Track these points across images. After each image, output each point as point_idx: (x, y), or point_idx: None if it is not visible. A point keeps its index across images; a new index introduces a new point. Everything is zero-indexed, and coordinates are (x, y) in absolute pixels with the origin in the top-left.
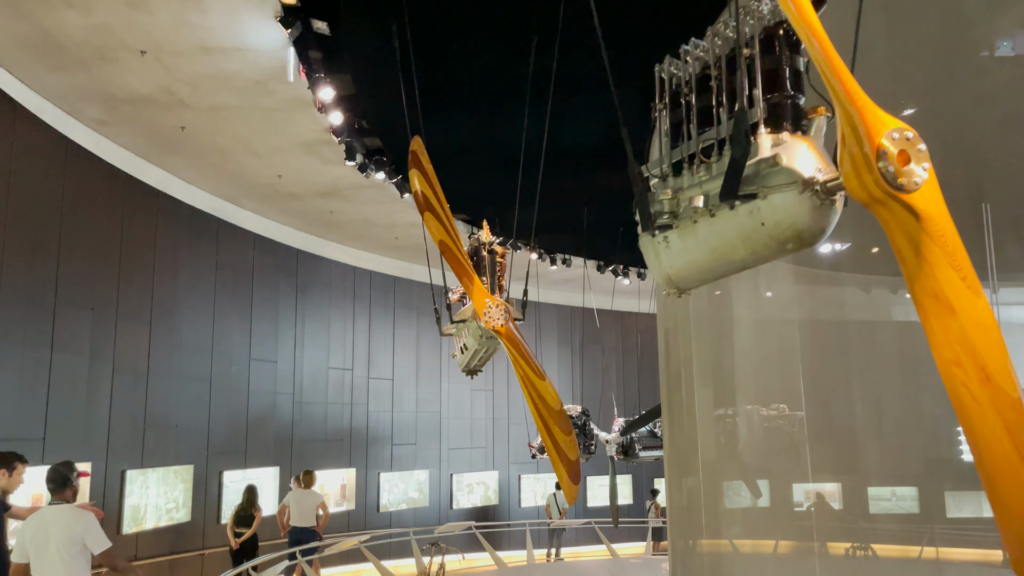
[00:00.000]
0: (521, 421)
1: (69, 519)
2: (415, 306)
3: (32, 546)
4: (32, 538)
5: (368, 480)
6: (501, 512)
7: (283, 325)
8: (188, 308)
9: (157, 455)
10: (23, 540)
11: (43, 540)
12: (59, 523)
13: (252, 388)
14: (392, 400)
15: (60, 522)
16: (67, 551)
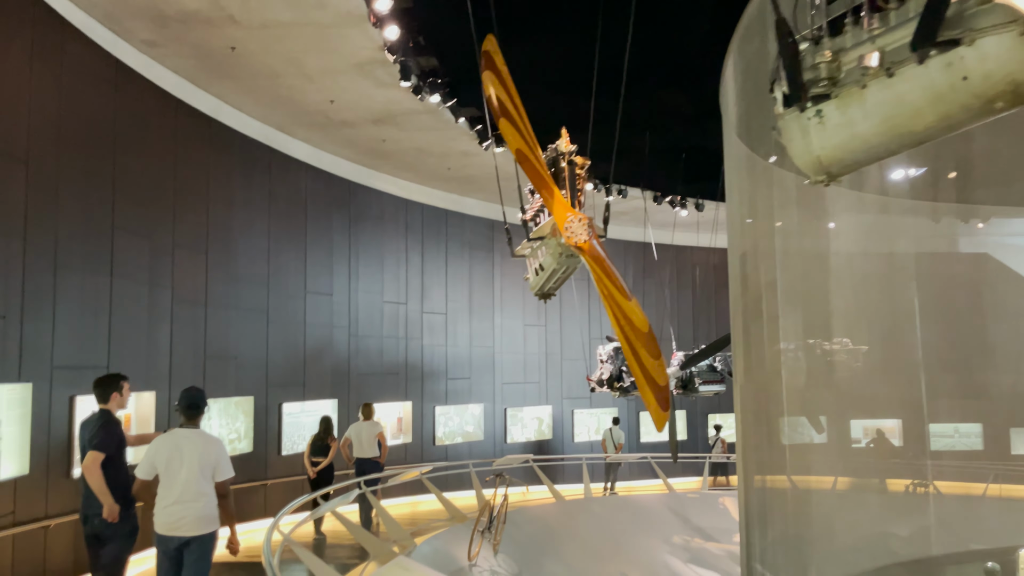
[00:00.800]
0: (575, 356)
1: (204, 444)
2: (467, 240)
3: (164, 465)
4: (166, 458)
5: (424, 413)
6: (554, 446)
7: (337, 258)
8: (243, 239)
9: (218, 386)
10: (152, 458)
11: (177, 461)
12: (194, 447)
13: (308, 321)
14: (446, 334)
15: (195, 446)
16: (200, 473)
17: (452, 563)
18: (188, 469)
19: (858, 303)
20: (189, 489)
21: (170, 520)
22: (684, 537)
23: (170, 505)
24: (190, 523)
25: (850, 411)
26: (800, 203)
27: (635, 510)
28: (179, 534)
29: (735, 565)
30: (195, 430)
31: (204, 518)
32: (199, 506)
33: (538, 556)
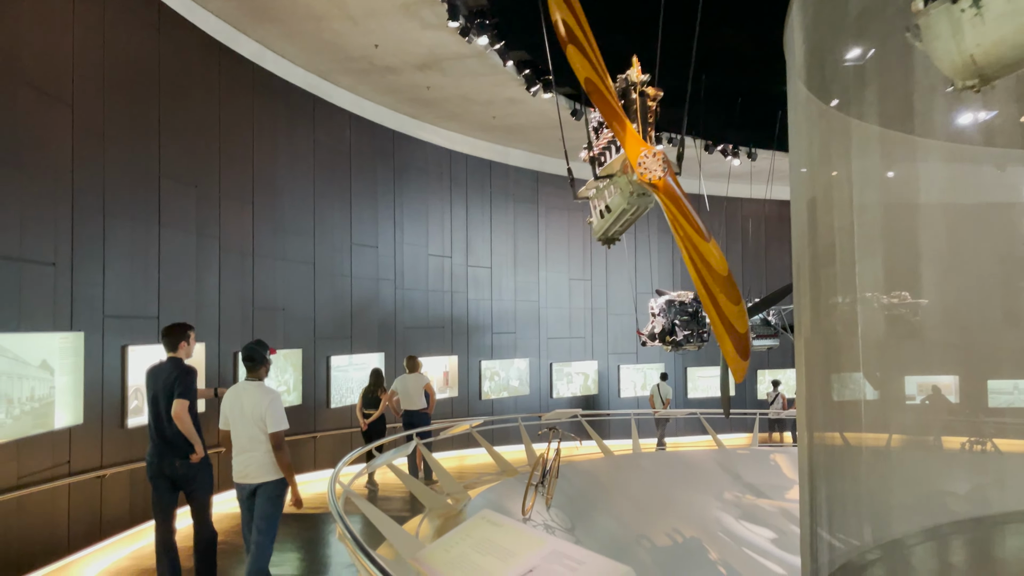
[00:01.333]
0: (621, 311)
1: (259, 396)
2: (511, 192)
3: (229, 417)
4: (229, 409)
5: (470, 367)
6: (600, 402)
7: (382, 210)
8: (288, 189)
9: (266, 338)
10: (223, 410)
11: (237, 412)
12: (251, 398)
13: (355, 273)
14: (491, 288)
15: (252, 397)
16: (256, 424)
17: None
18: (248, 420)
19: (921, 254)
20: (247, 439)
21: (238, 469)
22: (735, 493)
23: (237, 455)
24: (254, 471)
25: (907, 366)
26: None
27: (684, 465)
28: (247, 482)
29: (788, 522)
30: (253, 382)
31: (265, 466)
32: (259, 455)
33: (589, 510)
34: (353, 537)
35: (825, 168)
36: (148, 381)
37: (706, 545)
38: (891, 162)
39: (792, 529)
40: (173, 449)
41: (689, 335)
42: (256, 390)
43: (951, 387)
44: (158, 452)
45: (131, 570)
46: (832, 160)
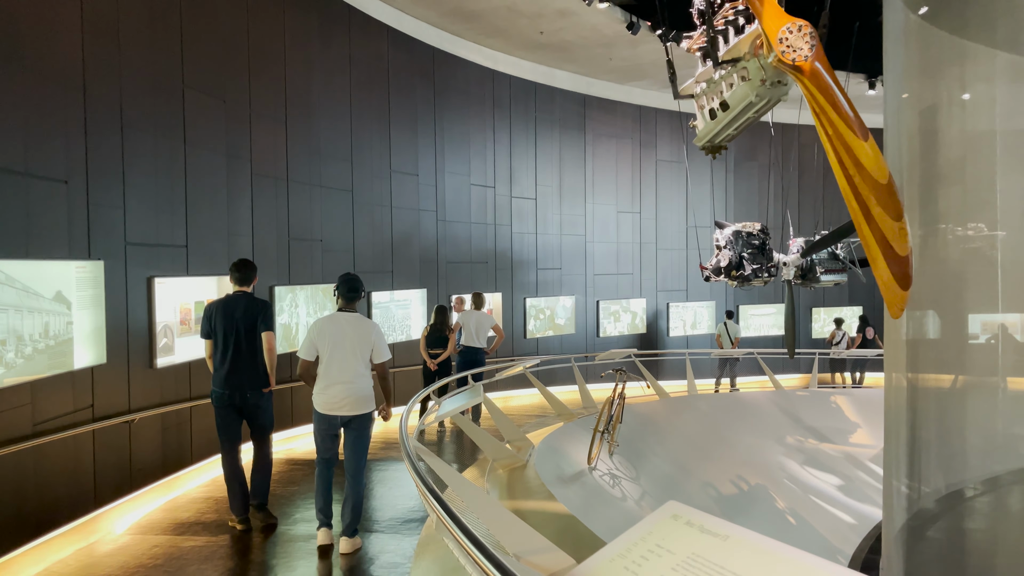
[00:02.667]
0: (670, 246)
1: (366, 327)
2: (557, 118)
3: (327, 348)
4: (329, 340)
5: (515, 305)
6: (648, 341)
7: (422, 135)
8: (323, 109)
9: (303, 271)
10: (315, 340)
11: (339, 340)
12: (354, 330)
13: (395, 204)
14: (536, 221)
15: (355, 329)
16: (360, 355)
17: (573, 466)
18: (350, 351)
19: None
20: (349, 370)
21: (332, 400)
22: (797, 437)
23: (331, 385)
24: (351, 403)
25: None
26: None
27: (743, 408)
28: (340, 413)
29: (854, 468)
30: (354, 314)
31: (363, 399)
32: (358, 387)
33: (650, 456)
34: (429, 489)
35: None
36: (217, 313)
37: (772, 493)
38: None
39: (858, 475)
40: (249, 380)
41: (757, 269)
42: (360, 321)
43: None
44: (231, 384)
45: (165, 522)
46: (939, 84)
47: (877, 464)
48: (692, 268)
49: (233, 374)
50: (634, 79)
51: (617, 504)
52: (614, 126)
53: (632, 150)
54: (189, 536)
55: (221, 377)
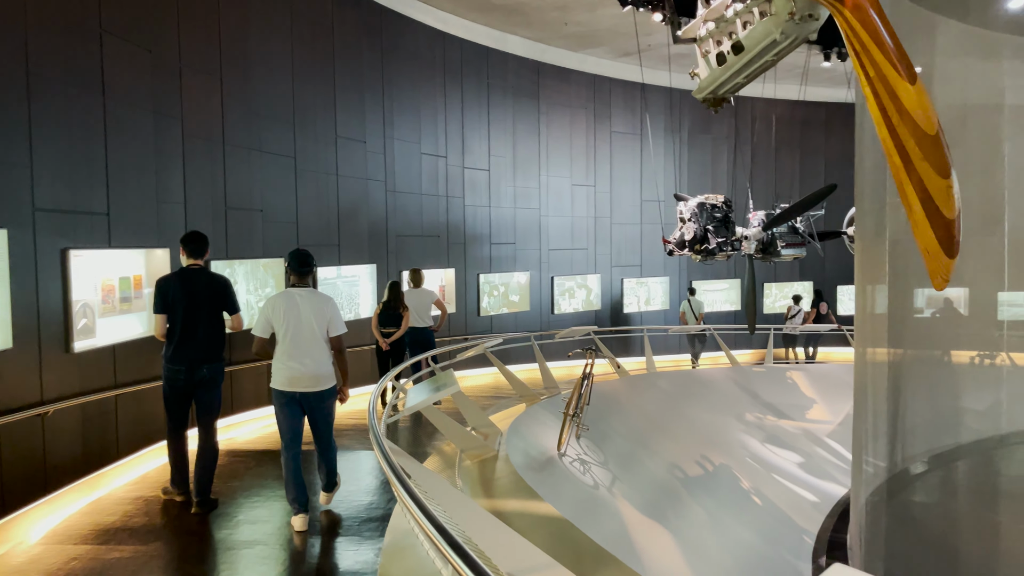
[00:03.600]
0: (625, 220)
1: (322, 301)
2: (510, 85)
3: (281, 324)
4: (283, 316)
5: (467, 281)
6: (603, 318)
7: (369, 99)
8: (262, 65)
9: (243, 244)
10: (269, 317)
11: (295, 316)
12: (312, 304)
13: (341, 172)
14: (489, 194)
15: (313, 303)
16: (317, 330)
17: (543, 454)
18: (307, 327)
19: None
20: (307, 346)
21: (292, 377)
22: (756, 415)
23: (291, 362)
24: (312, 379)
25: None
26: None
27: (701, 385)
28: (301, 389)
29: (813, 445)
30: (308, 289)
31: (323, 374)
32: (318, 362)
33: (616, 438)
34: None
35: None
36: (174, 287)
37: (736, 472)
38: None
39: (817, 452)
40: (206, 354)
41: (722, 243)
42: (315, 296)
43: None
44: (187, 358)
45: (86, 529)
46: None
47: (834, 440)
48: (647, 243)
49: (191, 348)
50: (589, 46)
51: (591, 493)
52: (568, 95)
53: (587, 121)
54: (114, 545)
55: (177, 353)
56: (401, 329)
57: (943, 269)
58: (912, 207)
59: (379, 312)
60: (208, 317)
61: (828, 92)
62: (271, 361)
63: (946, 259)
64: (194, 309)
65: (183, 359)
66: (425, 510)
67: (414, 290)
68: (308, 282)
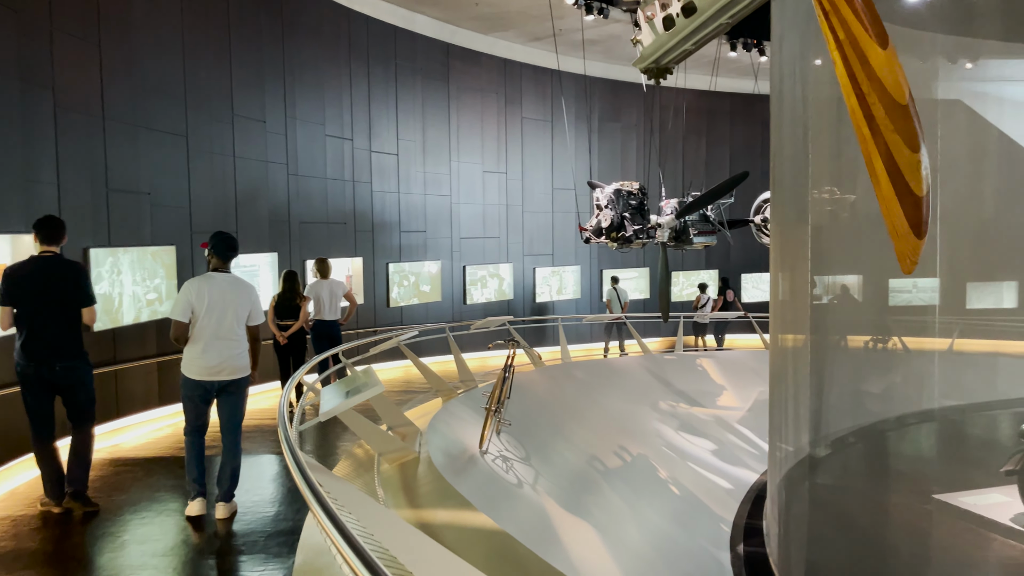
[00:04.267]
0: (537, 208)
1: (245, 288)
2: (419, 67)
3: (205, 307)
4: (206, 302)
5: (376, 271)
6: (515, 308)
7: (269, 75)
8: (147, 32)
9: (128, 231)
10: (190, 302)
11: (218, 302)
12: (236, 290)
13: (238, 153)
14: (398, 179)
15: (236, 289)
16: (241, 315)
17: (465, 453)
18: (231, 314)
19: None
20: (228, 334)
21: (209, 365)
22: (670, 403)
23: (209, 349)
24: (229, 368)
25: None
26: None
27: (615, 374)
28: (218, 379)
29: (724, 432)
30: (232, 275)
31: (241, 364)
32: (236, 351)
33: (536, 431)
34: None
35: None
36: (22, 277)
37: (654, 462)
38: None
39: (729, 439)
40: (59, 350)
41: (638, 230)
42: (239, 283)
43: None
44: (38, 356)
45: None
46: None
47: (745, 426)
48: (559, 232)
49: (40, 344)
50: (499, 29)
51: (515, 492)
52: (479, 79)
53: (498, 106)
54: None
55: (27, 348)
56: (299, 321)
57: (911, 251)
58: (880, 182)
59: (275, 304)
60: (61, 309)
61: (733, 83)
62: (180, 351)
63: (915, 240)
64: (45, 300)
65: (33, 355)
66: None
67: (321, 281)
68: (229, 268)
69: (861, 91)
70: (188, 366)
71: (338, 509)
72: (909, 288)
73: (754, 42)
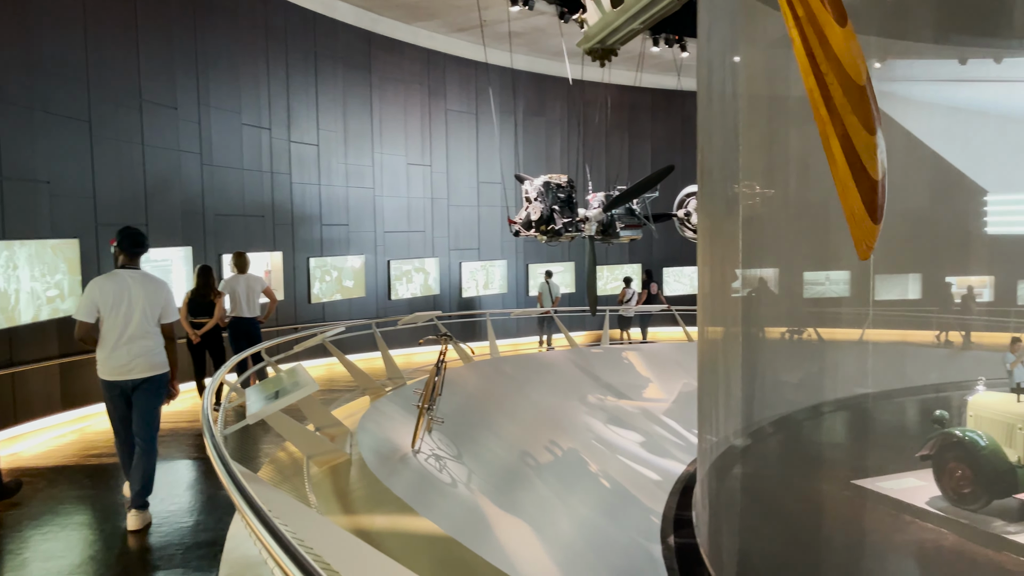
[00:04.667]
0: (463, 202)
1: (156, 285)
2: (340, 56)
3: (112, 306)
4: (112, 300)
5: (296, 266)
6: (441, 303)
7: (180, 59)
8: (43, 6)
9: (24, 223)
10: (96, 300)
11: (126, 300)
12: (145, 287)
13: (148, 141)
14: (319, 171)
15: (146, 286)
16: (149, 315)
17: (397, 452)
18: (139, 311)
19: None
20: (138, 332)
21: (120, 364)
22: (598, 396)
23: (119, 348)
24: (141, 366)
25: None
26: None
27: (544, 368)
28: (130, 377)
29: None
30: (141, 271)
31: (154, 361)
32: (148, 349)
33: (467, 428)
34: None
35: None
36: None
37: (584, 456)
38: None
39: (655, 430)
40: None
41: (568, 223)
42: (148, 279)
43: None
44: None
45: None
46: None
47: (670, 418)
48: (485, 226)
49: None
50: (422, 18)
51: (450, 492)
52: (402, 69)
53: (421, 97)
54: None
55: None
56: (214, 318)
57: (868, 236)
58: (837, 165)
59: (188, 300)
60: None
61: (655, 79)
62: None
63: (871, 225)
64: None
65: None
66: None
67: (239, 276)
68: (139, 264)
69: (820, 71)
70: (100, 367)
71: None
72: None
73: (676, 38)
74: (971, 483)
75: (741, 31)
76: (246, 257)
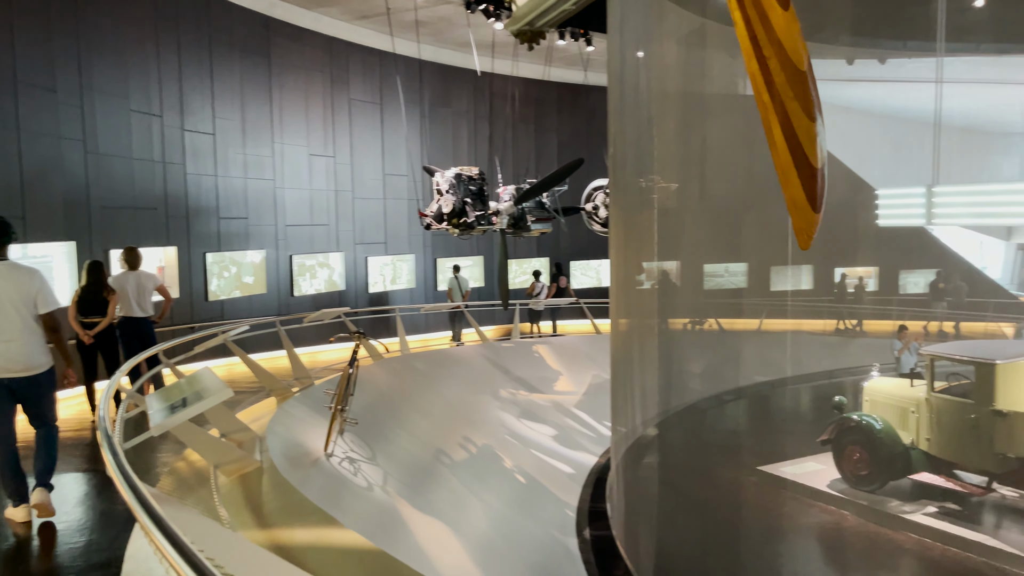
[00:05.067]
0: (368, 195)
1: (26, 274)
2: (236, 41)
3: None
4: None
5: (192, 261)
6: (348, 299)
7: (59, 40)
8: None
9: None
10: None
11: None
12: (14, 278)
13: (24, 127)
14: (215, 162)
15: (14, 278)
16: (26, 305)
17: (309, 457)
18: (10, 305)
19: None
20: (13, 327)
21: (1, 363)
22: (510, 390)
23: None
24: (22, 363)
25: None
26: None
27: (456, 363)
28: (11, 376)
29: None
30: (8, 262)
31: (35, 356)
32: (27, 343)
33: (380, 428)
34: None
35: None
36: None
37: (499, 452)
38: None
39: (567, 423)
40: None
41: (480, 216)
42: (16, 269)
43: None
44: None
45: None
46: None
47: (581, 410)
48: (391, 219)
49: None
50: (323, 4)
51: (366, 495)
52: (303, 57)
53: (324, 86)
54: None
55: None
56: (107, 318)
57: (809, 225)
58: (779, 151)
59: (77, 299)
60: None
61: (562, 73)
62: None
63: (811, 213)
64: None
65: None
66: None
67: (130, 273)
68: (6, 254)
69: (762, 55)
70: None
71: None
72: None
73: (581, 32)
74: (868, 465)
75: (655, 23)
76: (138, 252)
